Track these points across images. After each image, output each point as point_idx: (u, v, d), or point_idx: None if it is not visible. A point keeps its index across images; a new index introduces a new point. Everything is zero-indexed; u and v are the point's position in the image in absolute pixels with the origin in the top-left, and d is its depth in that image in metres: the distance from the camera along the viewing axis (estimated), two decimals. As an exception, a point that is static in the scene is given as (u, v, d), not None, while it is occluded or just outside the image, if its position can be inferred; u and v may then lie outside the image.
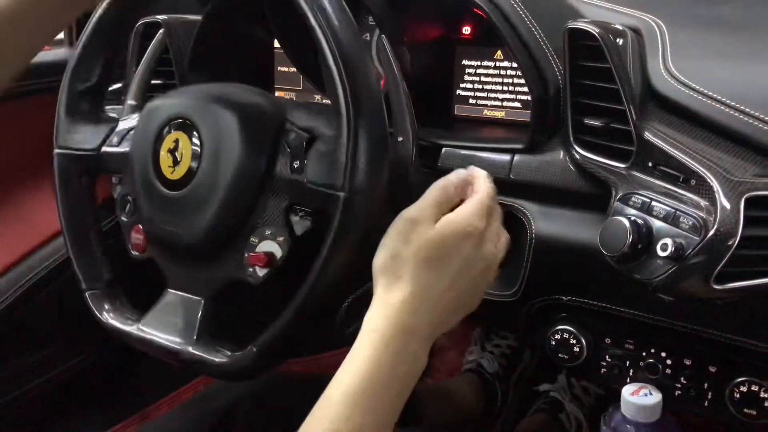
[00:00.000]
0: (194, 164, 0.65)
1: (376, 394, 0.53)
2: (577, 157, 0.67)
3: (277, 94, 1.01)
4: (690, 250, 0.54)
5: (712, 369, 0.66)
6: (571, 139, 0.68)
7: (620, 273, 0.60)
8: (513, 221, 0.72)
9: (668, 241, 0.55)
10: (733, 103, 0.60)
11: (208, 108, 0.65)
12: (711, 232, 0.53)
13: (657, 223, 0.57)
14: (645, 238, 0.56)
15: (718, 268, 0.53)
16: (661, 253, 0.55)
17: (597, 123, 0.65)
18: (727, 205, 0.54)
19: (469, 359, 1.24)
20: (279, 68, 1.01)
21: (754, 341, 0.62)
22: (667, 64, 0.66)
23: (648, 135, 0.61)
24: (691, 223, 0.55)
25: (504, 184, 0.73)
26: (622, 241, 0.57)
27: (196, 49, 0.92)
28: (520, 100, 0.83)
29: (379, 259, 0.58)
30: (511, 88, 0.84)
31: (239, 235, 0.65)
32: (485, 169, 0.67)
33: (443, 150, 0.77)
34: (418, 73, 0.86)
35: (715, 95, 0.62)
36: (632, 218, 0.57)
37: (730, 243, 0.53)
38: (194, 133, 0.65)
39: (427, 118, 0.82)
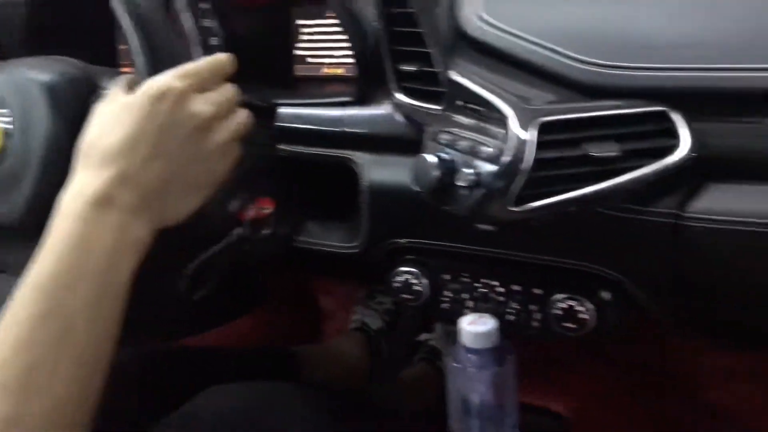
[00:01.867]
0: (8, 142, 0.63)
1: (72, 270, 0.53)
2: (399, 104, 0.70)
3: (122, 71, 0.99)
4: (488, 178, 0.57)
5: (537, 291, 0.70)
6: (393, 86, 0.70)
7: (441, 209, 0.63)
8: (351, 174, 0.75)
9: (469, 171, 0.58)
10: (533, 39, 0.64)
11: (16, 83, 0.64)
12: (505, 159, 0.57)
13: (460, 156, 0.60)
14: (450, 171, 0.59)
15: (516, 191, 0.57)
16: (463, 184, 0.58)
17: (411, 68, 0.68)
18: (520, 132, 0.57)
19: (355, 318, 1.27)
20: (121, 46, 0.99)
21: (568, 260, 0.67)
22: (477, 8, 0.69)
23: (454, 75, 0.64)
24: (489, 152, 0.58)
25: (338, 138, 0.75)
26: (430, 177, 0.59)
27: (26, 27, 0.89)
28: (354, 56, 0.85)
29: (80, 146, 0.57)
30: (346, 44, 0.85)
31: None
32: (319, 124, 0.69)
33: (278, 109, 0.78)
34: (255, 36, 0.87)
35: (518, 33, 0.65)
36: (439, 154, 0.60)
37: (524, 167, 0.57)
38: (4, 110, 0.63)
39: (268, 79, 0.83)
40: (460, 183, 0.58)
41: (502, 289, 0.72)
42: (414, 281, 0.75)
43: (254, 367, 1.00)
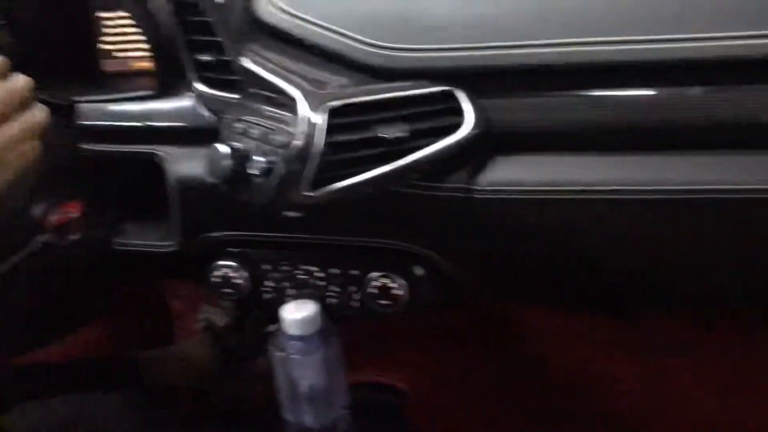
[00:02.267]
0: None
1: None
2: (200, 94, 0.69)
3: None
4: (280, 164, 0.58)
5: (354, 273, 0.71)
6: (192, 77, 0.69)
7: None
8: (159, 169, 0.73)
9: (261, 159, 0.58)
10: (326, 24, 0.65)
11: None
12: (296, 144, 0.57)
13: (254, 144, 0.60)
14: (243, 160, 0.59)
15: (310, 176, 0.57)
16: (256, 172, 0.58)
17: (206, 58, 0.67)
18: (310, 116, 0.58)
19: (201, 318, 1.24)
20: None
21: (378, 240, 0.68)
22: (273, -4, 0.69)
23: (246, 62, 0.63)
24: (280, 138, 0.58)
25: (143, 133, 0.73)
26: (222, 167, 0.59)
27: None
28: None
29: None
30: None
31: None
32: (124, 120, 0.66)
33: (77, 106, 0.74)
34: (56, 30, 0.82)
35: (311, 18, 0.66)
36: (231, 143, 0.60)
37: (315, 151, 0.57)
38: None
39: (72, 74, 0.79)
40: (253, 171, 0.58)
41: (321, 274, 0.73)
42: (233, 275, 0.74)
43: (89, 378, 0.96)
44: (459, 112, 0.61)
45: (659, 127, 0.60)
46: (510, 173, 0.62)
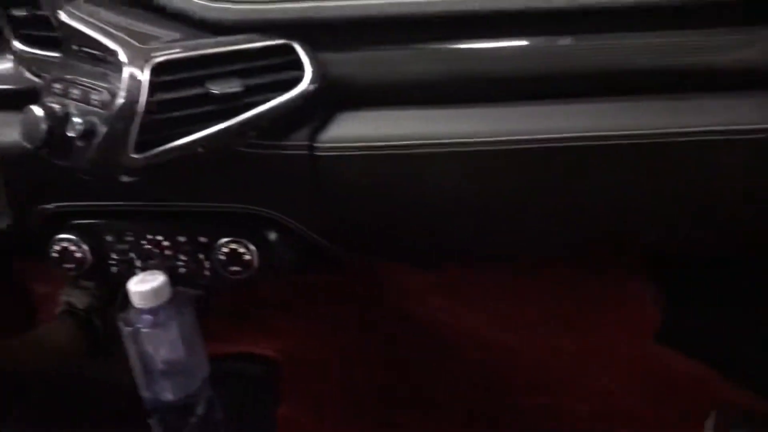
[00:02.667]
0: None
1: None
2: (19, 54, 0.63)
3: None
4: (102, 125, 0.54)
5: (203, 240, 0.68)
6: (9, 35, 0.63)
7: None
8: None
9: (80, 120, 0.54)
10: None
11: None
12: (117, 103, 0.53)
13: (73, 105, 0.55)
14: (61, 122, 0.54)
15: (135, 137, 0.54)
16: (75, 135, 0.54)
17: (21, 13, 0.61)
18: (134, 72, 0.54)
19: (63, 300, 1.17)
20: None
21: (224, 204, 0.66)
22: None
23: (66, 18, 0.58)
24: (101, 98, 0.54)
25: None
26: (38, 130, 0.54)
27: None
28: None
29: None
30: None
31: None
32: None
33: None
34: None
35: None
36: (48, 105, 0.55)
37: (138, 110, 0.53)
38: None
39: None
40: (72, 134, 0.53)
41: (168, 243, 0.69)
42: (73, 248, 0.69)
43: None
44: (299, 67, 0.59)
45: (509, 78, 0.60)
46: (353, 129, 0.60)
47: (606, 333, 0.99)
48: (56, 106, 0.55)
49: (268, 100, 0.58)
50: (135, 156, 0.54)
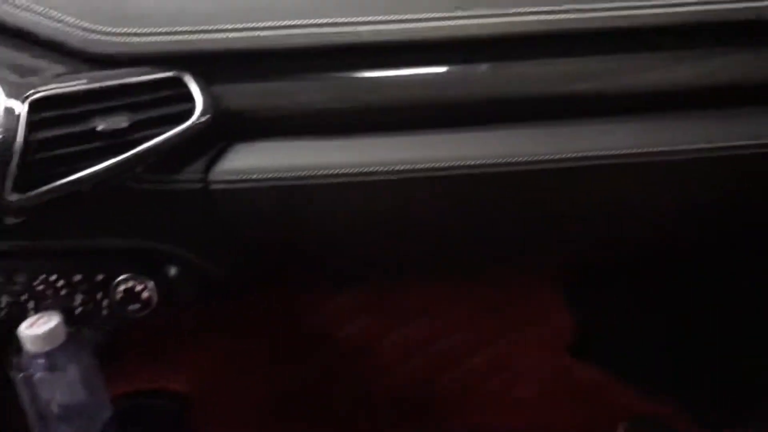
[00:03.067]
0: None
1: None
2: None
3: None
4: (-24, 166, 0.51)
5: (100, 278, 0.66)
6: None
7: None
8: None
9: (-49, 162, 0.51)
10: (40, 10, 0.58)
11: None
12: (-9, 143, 0.51)
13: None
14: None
15: (12, 177, 0.52)
16: (-53, 177, 0.51)
17: None
18: (9, 110, 0.52)
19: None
20: None
21: (120, 240, 0.64)
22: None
23: (-62, 52, 0.56)
24: (-24, 137, 0.52)
25: None
26: None
27: None
28: None
29: None
30: None
31: None
32: None
33: None
34: None
35: (20, 3, 0.59)
36: None
37: (15, 149, 0.51)
38: None
39: None
40: (-56, 177, 0.51)
41: (63, 282, 0.67)
42: (-43, 292, 0.66)
43: None
44: (191, 99, 0.58)
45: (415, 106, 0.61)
46: (247, 160, 0.60)
47: (521, 347, 1.01)
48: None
49: (159, 134, 0.57)
50: (13, 198, 0.52)
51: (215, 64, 0.59)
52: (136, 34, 0.58)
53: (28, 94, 0.52)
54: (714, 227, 0.61)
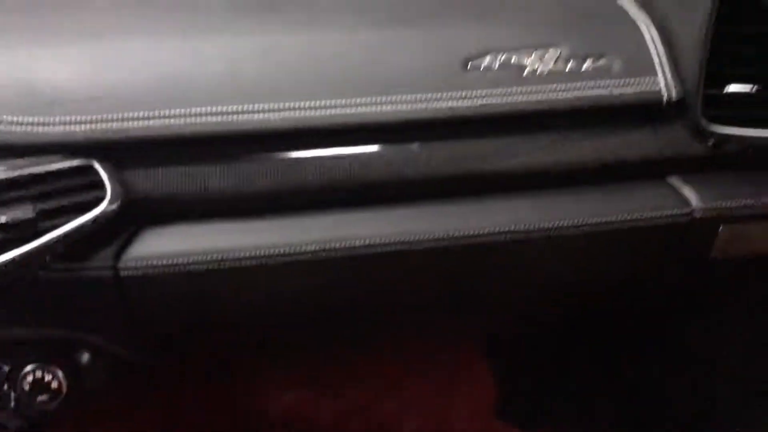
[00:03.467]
0: None
1: None
2: None
3: None
4: None
5: (6, 368, 0.64)
6: None
7: None
8: None
9: None
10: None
11: None
12: None
13: None
14: None
15: None
16: None
17: None
18: None
19: None
20: None
21: (27, 329, 0.62)
22: None
23: None
24: None
25: None
26: None
27: None
28: None
29: None
30: None
31: None
32: None
33: None
34: None
35: None
36: None
37: None
38: None
39: None
40: None
41: (-34, 374, 0.64)
42: None
43: None
44: (100, 186, 0.59)
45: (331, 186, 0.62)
46: (156, 246, 0.60)
47: (449, 412, 1.02)
48: None
49: (67, 222, 0.57)
50: None
51: (124, 151, 0.60)
52: (42, 124, 0.58)
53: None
54: (607, 294, 0.65)
